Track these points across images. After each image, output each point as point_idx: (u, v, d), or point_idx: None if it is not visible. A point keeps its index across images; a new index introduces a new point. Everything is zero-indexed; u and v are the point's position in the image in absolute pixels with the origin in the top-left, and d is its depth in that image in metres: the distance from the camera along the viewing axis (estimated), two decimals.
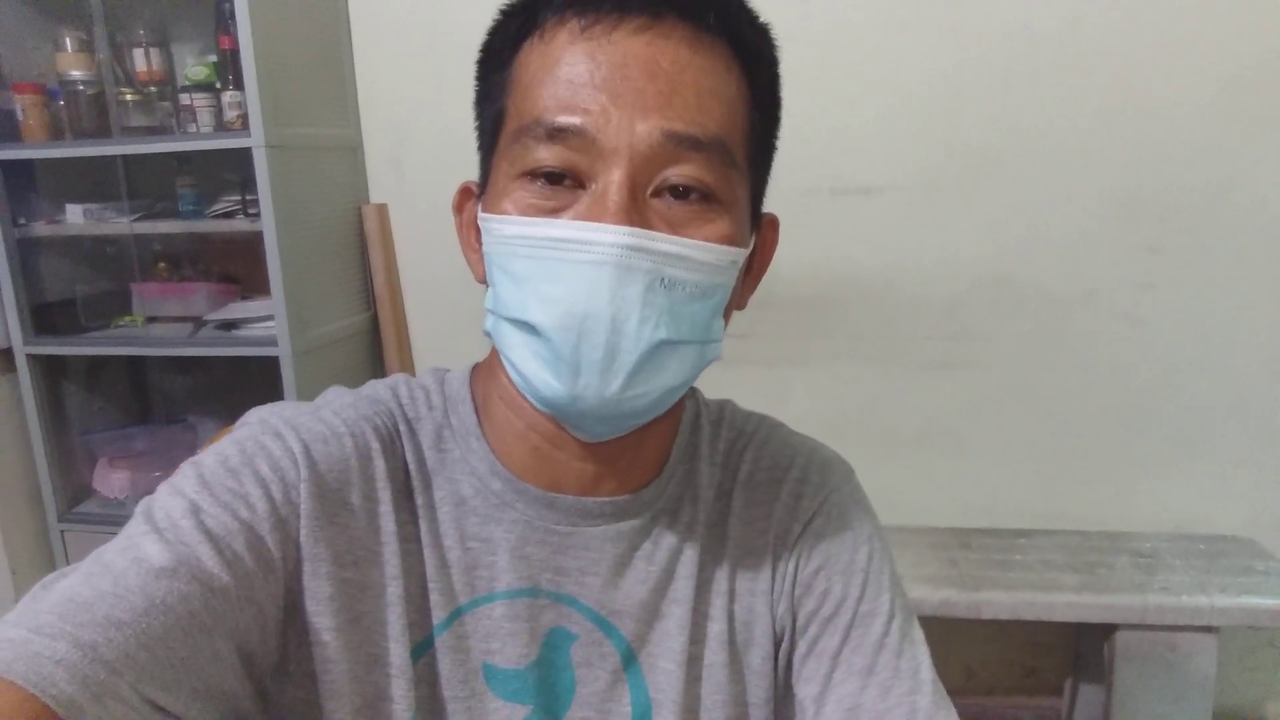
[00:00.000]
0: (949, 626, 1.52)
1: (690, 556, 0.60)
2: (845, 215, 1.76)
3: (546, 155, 0.50)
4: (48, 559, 2.01)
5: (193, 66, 1.76)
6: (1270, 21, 1.56)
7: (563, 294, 0.48)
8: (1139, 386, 1.73)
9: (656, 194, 0.50)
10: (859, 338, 1.81)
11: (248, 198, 1.74)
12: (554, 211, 0.50)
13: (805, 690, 0.58)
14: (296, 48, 1.73)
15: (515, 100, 0.52)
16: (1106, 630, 1.54)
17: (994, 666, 1.92)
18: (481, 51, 0.57)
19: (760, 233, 0.58)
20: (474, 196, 0.58)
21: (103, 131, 1.76)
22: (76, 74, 1.75)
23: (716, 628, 0.59)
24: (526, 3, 0.53)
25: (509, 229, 0.51)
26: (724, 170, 0.51)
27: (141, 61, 1.76)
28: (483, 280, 0.57)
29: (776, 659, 0.60)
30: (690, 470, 0.62)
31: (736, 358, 1.84)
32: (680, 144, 0.49)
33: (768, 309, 1.81)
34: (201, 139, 1.72)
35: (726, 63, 0.51)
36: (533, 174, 0.50)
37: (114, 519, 1.94)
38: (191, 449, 2.01)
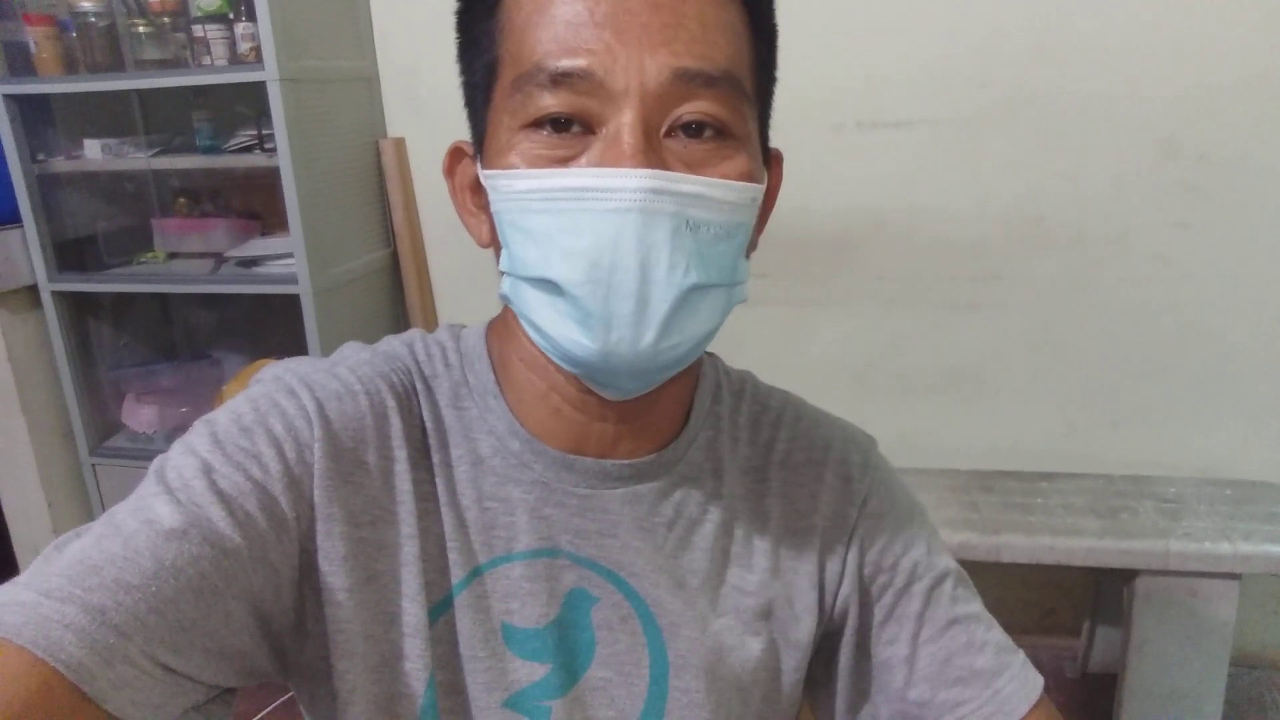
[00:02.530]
0: (968, 568, 1.52)
1: (712, 528, 0.59)
2: (873, 150, 1.71)
3: (552, 101, 0.47)
4: (81, 492, 2.06)
5: None
6: None
7: (587, 246, 0.46)
8: (1170, 329, 1.69)
9: (670, 133, 0.48)
10: (884, 277, 1.77)
11: (264, 132, 1.72)
12: (565, 160, 0.48)
13: (892, 651, 0.60)
14: None
15: (509, 47, 0.50)
16: (1127, 575, 1.53)
17: (1012, 606, 1.93)
18: (461, 2, 0.53)
19: (769, 169, 0.56)
20: (466, 157, 0.56)
21: (116, 65, 1.74)
22: (88, 5, 1.71)
23: (749, 601, 0.59)
24: None
25: (520, 183, 0.49)
26: (736, 104, 0.49)
27: None
28: (486, 245, 0.55)
29: (816, 631, 0.61)
30: (713, 440, 0.62)
31: (758, 297, 1.81)
32: (692, 81, 0.47)
33: (791, 247, 1.77)
34: (215, 72, 1.69)
35: None
36: (538, 123, 0.48)
37: (143, 453, 1.98)
38: (217, 384, 2.03)
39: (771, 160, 0.57)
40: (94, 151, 1.83)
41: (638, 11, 0.46)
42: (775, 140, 0.57)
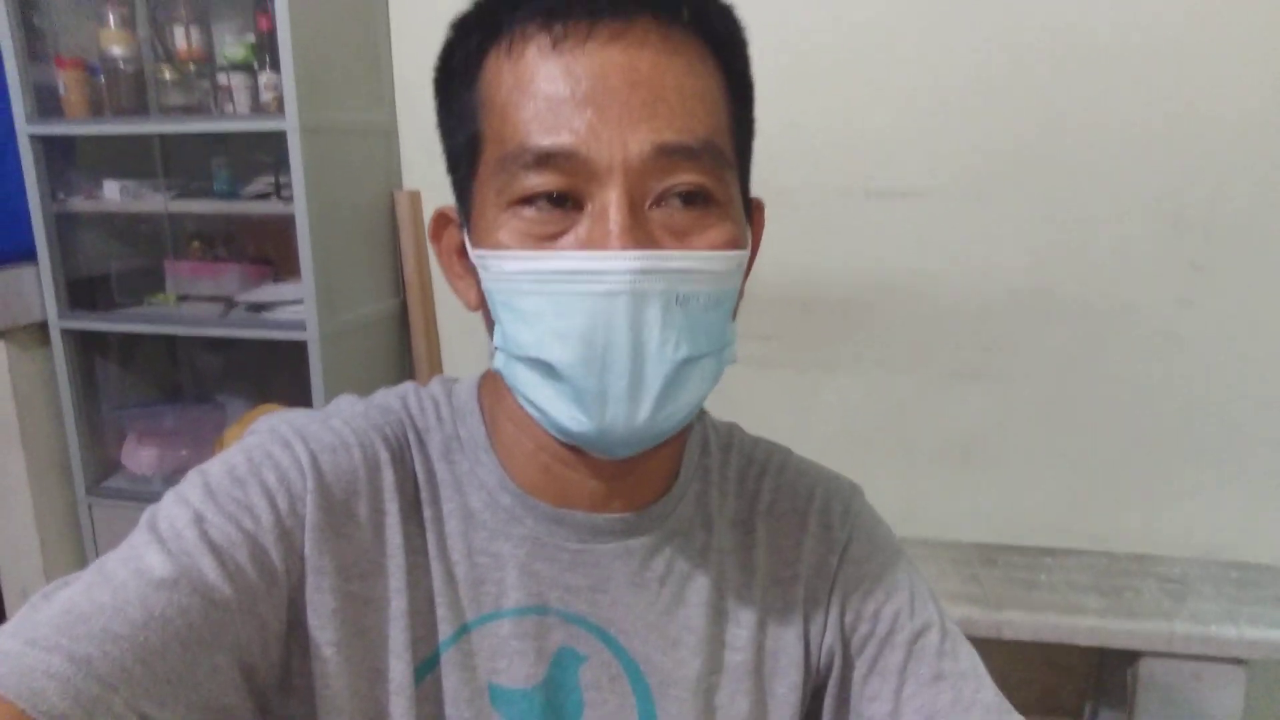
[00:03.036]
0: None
1: (705, 583, 0.59)
2: (880, 217, 1.72)
3: (538, 181, 0.48)
4: (76, 532, 2.04)
5: (231, 46, 1.77)
6: None
7: (580, 328, 0.47)
8: (1175, 406, 1.69)
9: (656, 204, 0.48)
10: (890, 344, 1.77)
11: (281, 180, 1.75)
12: (554, 237, 0.48)
13: (875, 708, 0.58)
14: (334, 31, 1.72)
15: (491, 123, 0.50)
16: (1130, 656, 1.50)
17: (1012, 685, 1.88)
18: (439, 70, 0.54)
19: (751, 221, 0.57)
20: (452, 223, 0.57)
21: (141, 109, 1.78)
22: (117, 51, 1.76)
23: (739, 658, 0.59)
24: (485, 15, 0.51)
25: (510, 264, 0.49)
26: (719, 172, 0.50)
27: (181, 40, 1.77)
28: (475, 308, 0.56)
29: (804, 687, 0.60)
30: (703, 493, 0.61)
31: (765, 360, 1.81)
32: (674, 154, 0.47)
33: (798, 310, 1.78)
34: (238, 120, 1.72)
35: (702, 57, 0.50)
36: (525, 200, 0.49)
37: (140, 495, 1.97)
38: (219, 429, 2.03)
39: (753, 210, 0.57)
40: (113, 192, 1.86)
41: (618, 89, 0.47)
42: (786, 206, 0.58)
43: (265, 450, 0.53)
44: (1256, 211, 1.59)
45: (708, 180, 0.49)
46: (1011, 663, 1.87)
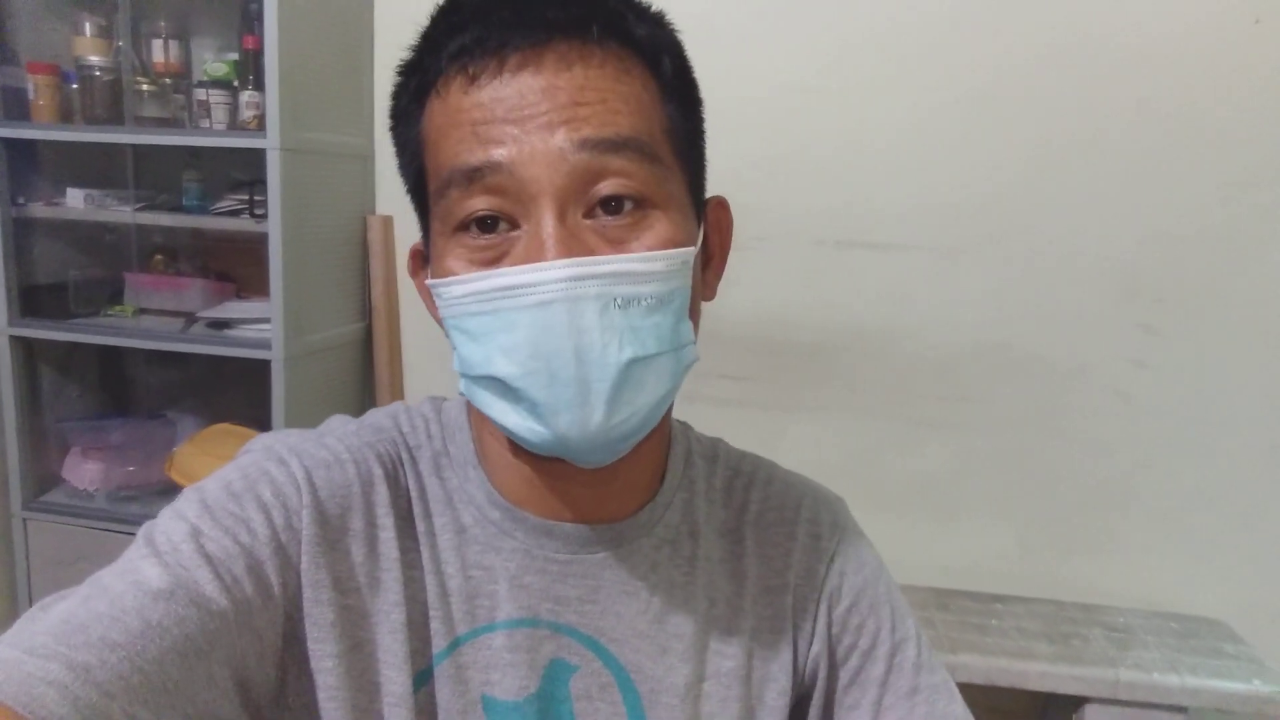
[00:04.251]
0: None
1: (694, 592, 0.60)
2: (851, 267, 1.77)
3: (473, 204, 0.49)
4: (8, 546, 1.96)
5: (212, 63, 1.76)
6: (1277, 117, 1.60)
7: (521, 340, 0.48)
8: (1125, 462, 1.75)
9: (589, 214, 0.50)
10: (855, 390, 1.81)
11: (255, 198, 1.73)
12: (496, 260, 0.50)
13: (854, 717, 0.60)
14: (320, 54, 1.73)
15: (430, 157, 0.53)
16: (1076, 702, 1.54)
17: None
18: (391, 113, 0.56)
19: (706, 219, 0.58)
20: (422, 257, 0.59)
21: (115, 119, 1.75)
22: (94, 59, 1.74)
23: (729, 664, 0.60)
24: (415, 63, 0.53)
25: (456, 289, 0.51)
26: (649, 170, 0.50)
27: (160, 53, 1.76)
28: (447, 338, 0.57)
29: (792, 693, 0.61)
30: (689, 503, 0.63)
31: (733, 399, 1.84)
32: (595, 149, 0.48)
33: (769, 352, 1.81)
34: (215, 135, 1.71)
35: (624, 65, 0.51)
36: (464, 225, 0.50)
37: (80, 511, 1.90)
38: (169, 445, 1.98)
39: (711, 208, 0.58)
40: (76, 200, 1.82)
41: (536, 103, 0.48)
42: (759, 252, 0.60)
43: (261, 467, 0.54)
44: (1204, 281, 1.67)
45: (637, 181, 0.50)
46: None
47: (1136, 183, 1.66)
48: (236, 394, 1.91)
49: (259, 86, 1.64)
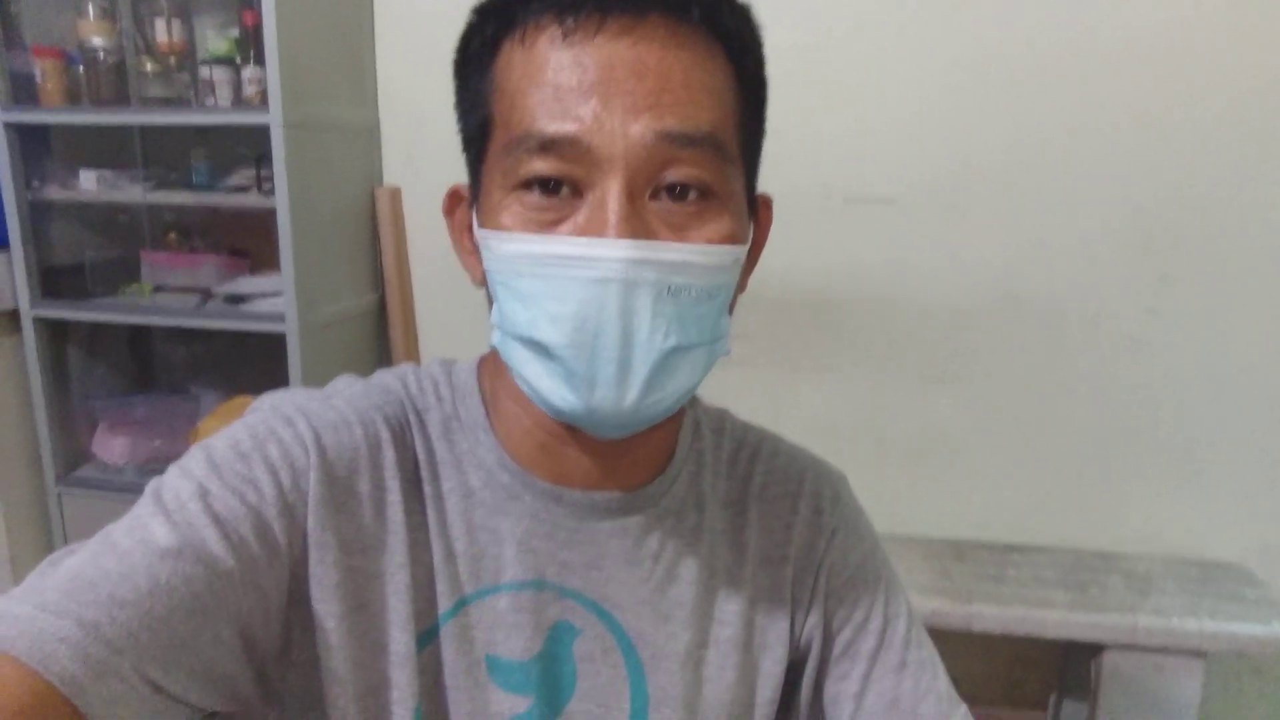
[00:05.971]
0: (937, 637, 1.53)
1: (696, 561, 0.61)
2: (857, 223, 1.76)
3: (541, 166, 0.49)
4: (44, 521, 2.02)
5: (214, 40, 1.76)
6: None
7: (572, 312, 0.48)
8: (1140, 410, 1.73)
9: (655, 196, 0.49)
10: (864, 346, 1.81)
11: (262, 173, 1.74)
12: (554, 224, 0.49)
13: (843, 686, 0.62)
14: (319, 28, 1.72)
15: (501, 109, 0.51)
16: (1094, 649, 1.54)
17: (979, 677, 1.92)
18: (458, 54, 0.55)
19: (756, 217, 0.58)
20: (464, 200, 0.58)
21: (121, 100, 1.76)
22: (97, 41, 1.74)
23: (728, 632, 0.61)
24: (501, 4, 0.52)
25: (509, 246, 0.50)
26: (719, 165, 0.50)
27: (163, 32, 1.76)
28: (480, 284, 0.57)
29: (788, 660, 0.62)
30: (695, 475, 0.63)
31: (741, 358, 1.84)
32: (674, 142, 0.48)
33: (775, 311, 1.81)
34: (219, 113, 1.72)
35: (711, 53, 0.50)
36: (527, 184, 0.50)
37: (111, 485, 1.95)
38: (192, 419, 2.01)
39: (760, 207, 0.58)
40: (89, 182, 1.84)
41: (624, 80, 0.48)
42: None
43: (269, 426, 0.54)
44: (1221, 223, 1.64)
45: (707, 173, 0.50)
46: (979, 655, 1.90)
47: (1151, 124, 1.62)
48: (256, 367, 1.94)
49: (260, 62, 1.64)
